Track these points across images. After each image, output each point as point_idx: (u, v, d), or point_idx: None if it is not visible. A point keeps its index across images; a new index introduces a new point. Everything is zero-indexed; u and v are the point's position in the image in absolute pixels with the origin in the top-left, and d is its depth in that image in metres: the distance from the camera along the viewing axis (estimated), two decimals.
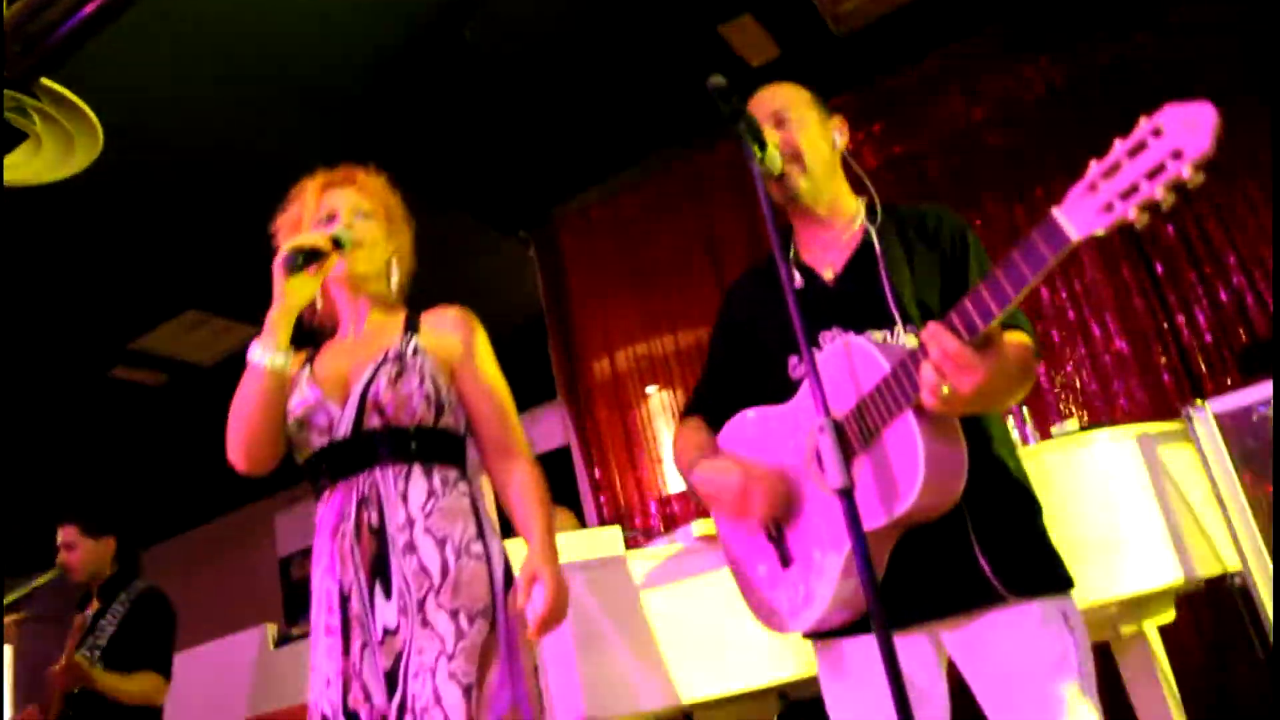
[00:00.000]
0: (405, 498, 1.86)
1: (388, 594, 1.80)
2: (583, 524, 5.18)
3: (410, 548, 1.82)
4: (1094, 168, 1.24)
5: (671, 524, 5.12)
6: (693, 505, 5.23)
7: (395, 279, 2.10)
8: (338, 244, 1.94)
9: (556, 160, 5.32)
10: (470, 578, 1.81)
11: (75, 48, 3.39)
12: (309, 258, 1.88)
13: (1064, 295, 4.40)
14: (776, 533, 1.81)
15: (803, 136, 1.90)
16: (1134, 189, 1.19)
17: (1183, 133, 1.14)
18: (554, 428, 6.42)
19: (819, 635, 1.84)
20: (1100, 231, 1.24)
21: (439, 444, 1.93)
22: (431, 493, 1.88)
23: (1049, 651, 1.65)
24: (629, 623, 2.53)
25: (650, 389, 5.55)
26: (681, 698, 2.51)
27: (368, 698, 1.76)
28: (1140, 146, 1.19)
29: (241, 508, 8.57)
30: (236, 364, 2.06)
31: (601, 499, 5.44)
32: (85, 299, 5.30)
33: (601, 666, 2.44)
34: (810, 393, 1.50)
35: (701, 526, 2.76)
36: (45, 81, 3.51)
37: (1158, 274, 4.23)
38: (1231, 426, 2.54)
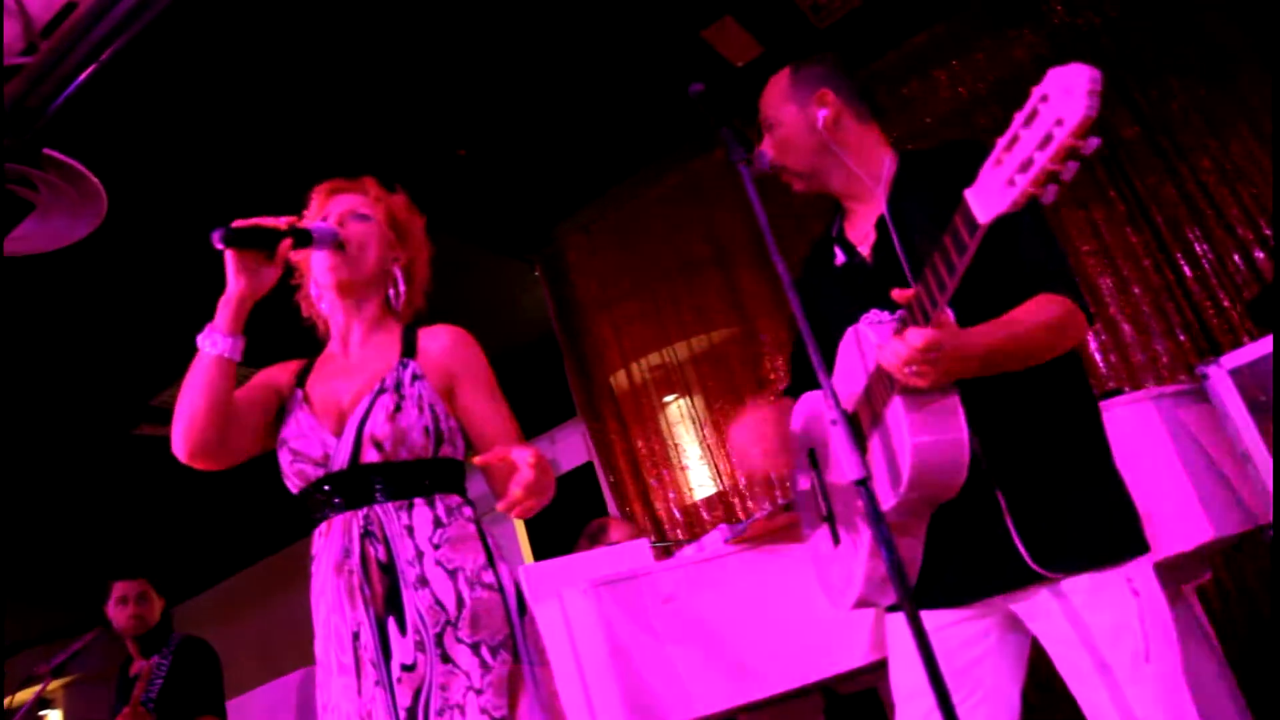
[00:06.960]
0: (411, 530, 1.79)
1: (403, 630, 1.74)
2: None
3: (422, 581, 1.76)
4: (998, 143, 1.17)
5: (700, 530, 5.11)
6: (720, 511, 5.23)
7: (398, 295, 2.00)
8: (301, 234, 1.82)
9: (553, 179, 5.35)
10: (487, 609, 1.76)
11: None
12: (255, 238, 1.76)
13: (1073, 262, 4.38)
14: (828, 513, 1.84)
15: (780, 139, 1.92)
16: (1030, 162, 1.12)
17: (1063, 98, 1.08)
18: (575, 446, 6.44)
19: (888, 609, 1.86)
20: (1006, 209, 1.17)
21: (440, 474, 1.86)
22: (437, 522, 1.81)
23: (1105, 622, 1.63)
24: (663, 636, 2.53)
25: (668, 398, 5.55)
26: (723, 704, 2.50)
27: None
28: (1033, 115, 1.12)
29: (279, 551, 8.58)
30: None
31: (629, 512, 5.43)
32: (104, 358, 5.35)
33: (640, 680, 2.44)
34: (823, 386, 1.52)
35: (729, 533, 2.76)
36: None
37: (1163, 234, 4.21)
38: (1248, 381, 2.52)
